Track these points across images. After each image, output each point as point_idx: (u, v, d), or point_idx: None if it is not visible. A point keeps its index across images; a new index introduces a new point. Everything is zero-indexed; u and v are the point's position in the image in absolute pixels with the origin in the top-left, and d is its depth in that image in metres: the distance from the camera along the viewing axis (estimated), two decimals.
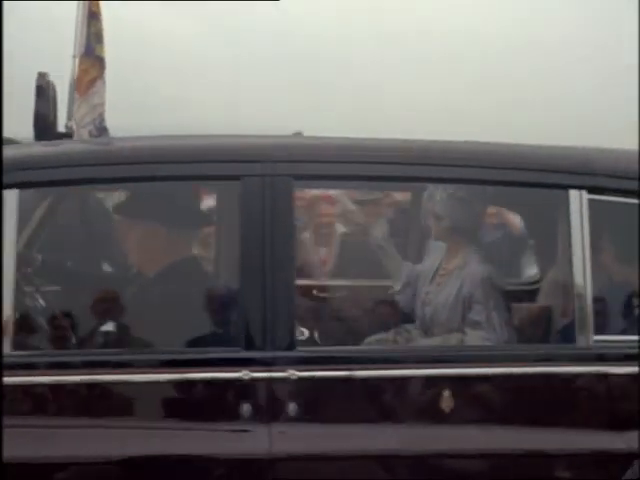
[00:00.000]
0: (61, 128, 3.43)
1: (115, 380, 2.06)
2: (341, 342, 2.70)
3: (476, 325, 2.51)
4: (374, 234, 3.05)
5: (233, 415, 2.04)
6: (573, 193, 2.15)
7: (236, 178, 2.17)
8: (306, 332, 2.54)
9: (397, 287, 2.90)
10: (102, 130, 4.40)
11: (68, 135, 3.46)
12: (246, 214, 2.14)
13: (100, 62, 4.36)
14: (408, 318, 2.81)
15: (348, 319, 2.87)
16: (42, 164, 2.23)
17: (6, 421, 1.92)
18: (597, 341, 2.14)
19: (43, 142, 2.64)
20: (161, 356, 2.14)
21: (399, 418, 2.12)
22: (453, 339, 2.53)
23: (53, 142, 2.66)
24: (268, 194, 2.11)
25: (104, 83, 4.38)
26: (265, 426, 2.03)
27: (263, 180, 2.12)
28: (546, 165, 2.25)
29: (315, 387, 2.09)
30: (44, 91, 2.64)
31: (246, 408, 2.02)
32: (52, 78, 2.78)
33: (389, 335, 2.65)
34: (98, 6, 4.48)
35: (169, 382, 2.06)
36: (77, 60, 4.22)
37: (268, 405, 2.05)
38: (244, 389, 2.04)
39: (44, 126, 2.68)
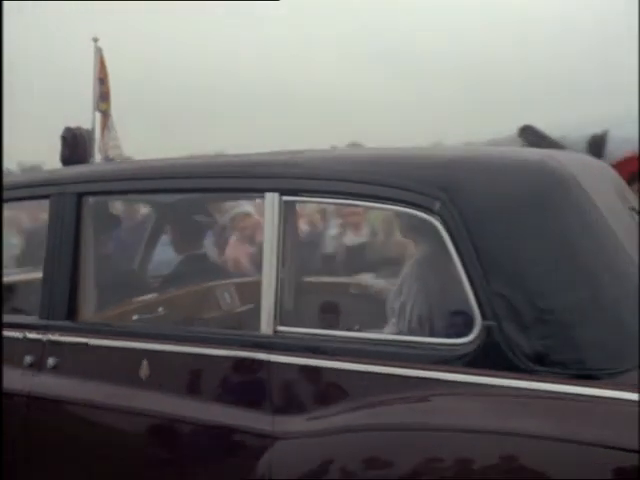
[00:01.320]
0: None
1: None
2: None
3: None
4: None
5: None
6: (268, 195, 2.31)
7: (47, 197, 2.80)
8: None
9: None
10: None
11: None
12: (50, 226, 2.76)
13: (104, 116, 5.56)
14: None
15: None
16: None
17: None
18: (278, 331, 2.24)
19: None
20: None
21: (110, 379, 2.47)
22: None
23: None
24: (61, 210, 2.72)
25: (109, 130, 5.67)
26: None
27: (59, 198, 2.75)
28: (245, 172, 2.45)
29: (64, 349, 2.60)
30: (67, 141, 3.27)
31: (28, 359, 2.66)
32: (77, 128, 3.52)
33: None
34: (105, 71, 5.66)
35: None
36: (97, 113, 5.52)
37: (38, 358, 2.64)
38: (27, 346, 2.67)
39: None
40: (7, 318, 2.78)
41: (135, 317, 3.02)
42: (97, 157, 5.07)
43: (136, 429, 2.40)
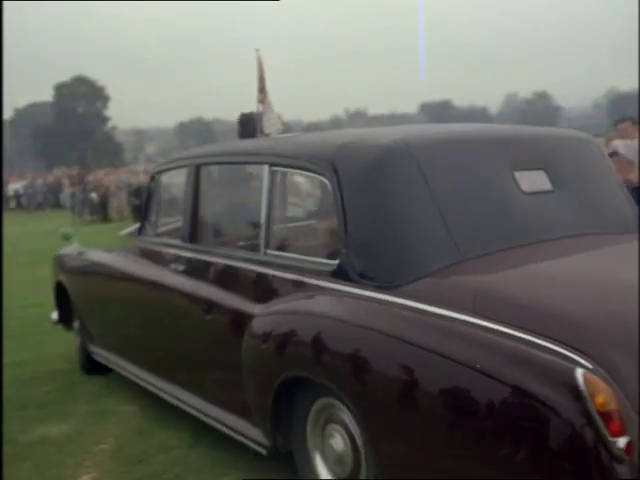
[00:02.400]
0: None
1: None
2: None
3: None
4: None
5: None
6: (264, 167, 3.55)
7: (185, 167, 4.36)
8: None
9: None
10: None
11: None
12: None
13: (263, 104, 6.98)
14: None
15: None
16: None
17: None
18: (268, 253, 3.45)
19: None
20: None
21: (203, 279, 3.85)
22: None
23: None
24: None
25: (267, 113, 7.09)
26: None
27: None
28: (253, 153, 3.90)
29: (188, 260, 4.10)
30: (242, 122, 5.91)
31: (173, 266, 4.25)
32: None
33: None
34: (262, 73, 7.06)
35: None
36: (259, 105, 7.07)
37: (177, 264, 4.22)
38: None
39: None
40: (166, 241, 4.45)
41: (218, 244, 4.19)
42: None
43: (182, 305, 3.92)
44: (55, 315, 5.89)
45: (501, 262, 2.88)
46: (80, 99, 65.31)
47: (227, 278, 3.70)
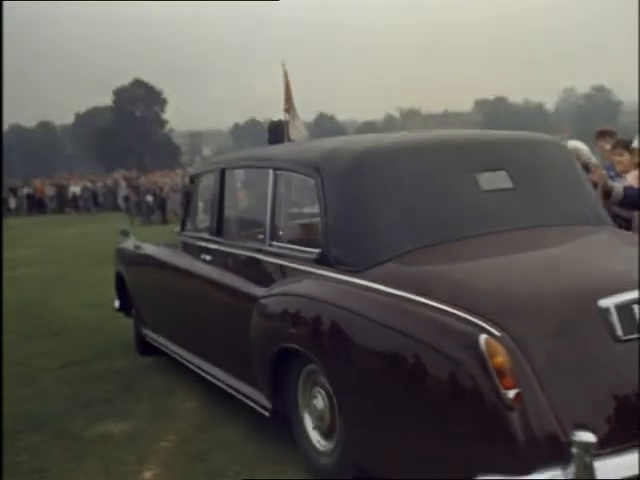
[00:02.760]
0: None
1: None
2: None
3: None
4: None
5: None
6: (270, 171, 4.18)
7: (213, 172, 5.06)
8: None
9: None
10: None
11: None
12: None
13: (289, 113, 7.78)
14: None
15: None
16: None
17: None
18: (272, 245, 4.07)
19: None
20: None
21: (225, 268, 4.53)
22: None
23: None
24: None
25: (293, 121, 7.84)
26: None
27: None
28: (260, 159, 4.55)
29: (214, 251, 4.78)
30: (270, 129, 7.17)
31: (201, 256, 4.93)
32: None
33: None
34: (288, 84, 7.75)
35: None
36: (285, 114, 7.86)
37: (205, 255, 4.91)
38: None
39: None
40: (199, 235, 5.04)
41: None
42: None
43: (209, 291, 4.57)
44: (117, 303, 6.59)
45: (450, 250, 3.48)
46: (138, 103, 66.72)
47: (241, 266, 4.34)
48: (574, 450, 2.58)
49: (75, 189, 34.98)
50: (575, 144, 6.04)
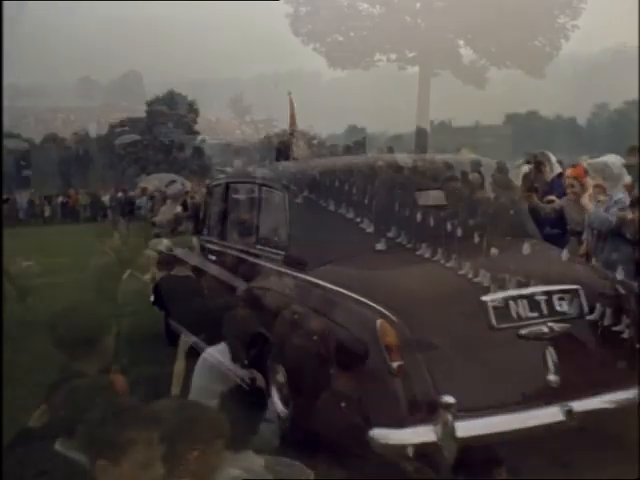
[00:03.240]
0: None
1: None
2: None
3: None
4: None
5: None
6: (256, 187, 5.35)
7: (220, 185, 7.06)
8: None
9: None
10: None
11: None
12: None
13: (293, 135, 8.90)
14: None
15: None
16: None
17: None
18: (257, 248, 5.25)
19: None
20: None
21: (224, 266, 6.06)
22: None
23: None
24: None
25: (296, 141, 8.88)
26: None
27: None
28: (249, 178, 5.79)
29: (218, 251, 6.73)
30: (279, 149, 9.26)
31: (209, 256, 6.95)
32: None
33: None
34: (293, 108, 8.88)
35: None
36: (290, 136, 9.03)
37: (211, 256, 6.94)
38: None
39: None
40: (210, 238, 6.28)
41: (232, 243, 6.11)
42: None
43: (218, 285, 5.81)
44: (152, 297, 7.96)
45: (377, 256, 4.50)
46: (171, 113, 67.41)
47: (236, 265, 5.45)
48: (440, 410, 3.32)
49: (105, 198, 35.59)
50: (605, 160, 5.98)
